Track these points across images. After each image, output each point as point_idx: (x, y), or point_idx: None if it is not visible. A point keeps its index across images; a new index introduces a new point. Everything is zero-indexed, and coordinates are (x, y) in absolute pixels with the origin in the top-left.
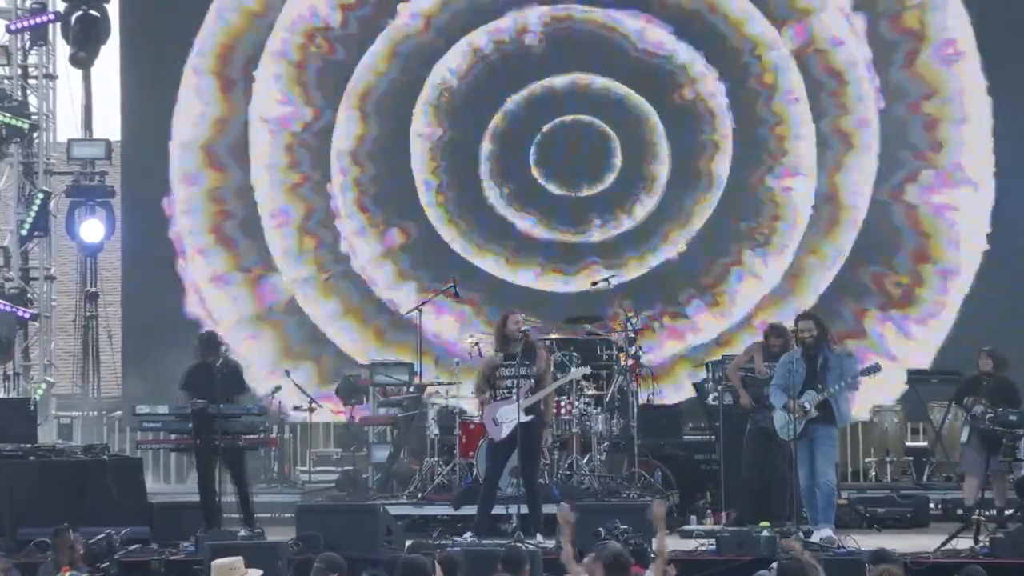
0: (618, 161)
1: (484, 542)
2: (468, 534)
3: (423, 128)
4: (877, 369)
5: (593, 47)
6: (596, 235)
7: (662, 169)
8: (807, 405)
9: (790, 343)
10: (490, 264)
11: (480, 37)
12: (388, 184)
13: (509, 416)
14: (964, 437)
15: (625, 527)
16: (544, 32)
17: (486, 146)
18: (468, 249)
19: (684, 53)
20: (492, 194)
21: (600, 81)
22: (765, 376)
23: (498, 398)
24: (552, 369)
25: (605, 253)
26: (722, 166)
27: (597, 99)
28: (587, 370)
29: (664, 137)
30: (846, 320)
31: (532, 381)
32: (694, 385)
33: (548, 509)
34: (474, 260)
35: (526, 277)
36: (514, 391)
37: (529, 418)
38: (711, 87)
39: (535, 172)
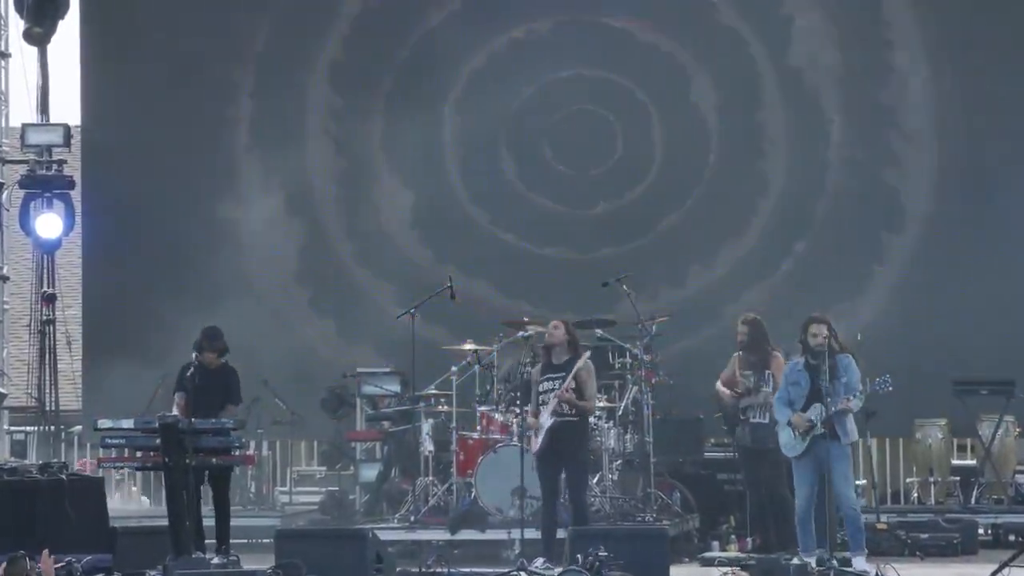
0: None
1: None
2: (540, 560)
3: None
4: (887, 385)
5: None
6: None
7: None
8: (813, 418)
9: (758, 330)
10: None
11: None
12: None
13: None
14: None
15: (605, 554)
16: None
17: None
18: None
19: None
20: None
21: None
22: (741, 387)
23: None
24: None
25: None
26: None
27: None
28: (587, 353)
29: None
30: None
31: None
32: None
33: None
34: None
35: None
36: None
37: (552, 421)
38: None
39: None
